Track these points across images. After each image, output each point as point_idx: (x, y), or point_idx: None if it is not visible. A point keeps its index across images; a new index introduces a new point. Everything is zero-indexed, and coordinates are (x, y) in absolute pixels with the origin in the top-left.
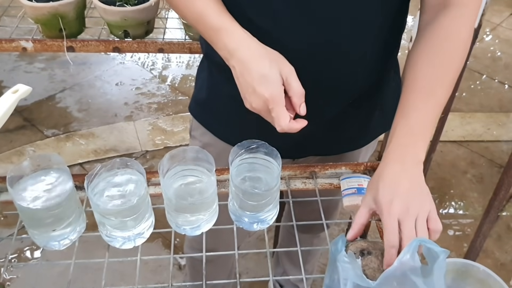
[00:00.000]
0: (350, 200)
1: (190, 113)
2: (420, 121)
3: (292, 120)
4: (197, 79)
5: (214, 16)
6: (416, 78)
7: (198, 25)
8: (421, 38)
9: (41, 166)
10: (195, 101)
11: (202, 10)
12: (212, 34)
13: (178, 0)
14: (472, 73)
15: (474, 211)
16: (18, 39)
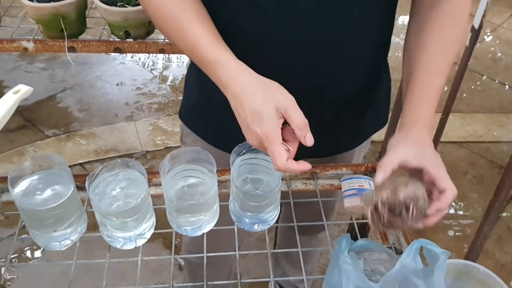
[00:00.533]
0: (351, 201)
1: (181, 119)
2: (436, 99)
3: (291, 160)
4: (186, 84)
5: (208, 49)
6: (429, 59)
7: (192, 56)
8: (427, 21)
9: (43, 166)
10: (186, 107)
11: (195, 41)
12: (206, 66)
13: (171, 30)
14: (473, 73)
15: (474, 212)
16: (19, 39)
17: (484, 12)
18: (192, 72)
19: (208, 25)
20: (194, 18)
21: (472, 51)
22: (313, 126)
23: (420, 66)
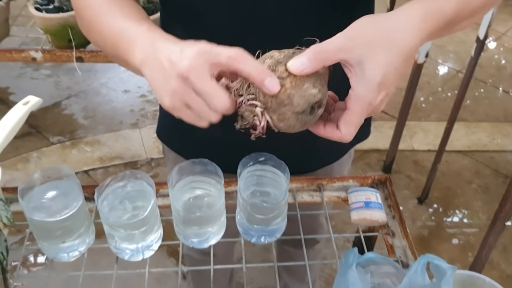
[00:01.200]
0: (358, 214)
1: (159, 138)
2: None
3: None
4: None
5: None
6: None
7: (113, 48)
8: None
9: (52, 178)
10: (163, 126)
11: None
12: (122, 48)
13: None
14: (477, 82)
15: (479, 221)
16: (28, 49)
17: (489, 23)
18: None
19: (128, 10)
20: (117, 13)
21: (477, 61)
22: (288, 141)
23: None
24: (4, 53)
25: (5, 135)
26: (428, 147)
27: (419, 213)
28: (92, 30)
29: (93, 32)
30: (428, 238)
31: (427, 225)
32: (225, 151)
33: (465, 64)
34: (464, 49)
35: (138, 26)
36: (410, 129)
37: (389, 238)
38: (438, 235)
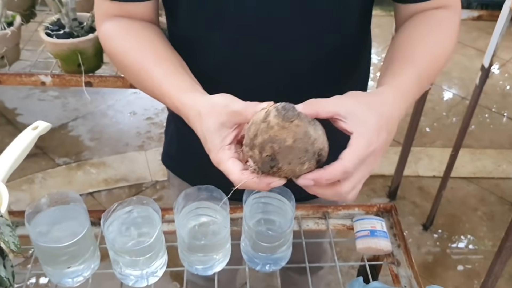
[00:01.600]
0: (363, 242)
1: (164, 165)
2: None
3: (246, 173)
4: (166, 131)
5: (174, 96)
6: (417, 45)
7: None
8: (410, 23)
9: (59, 202)
10: (167, 154)
11: (160, 88)
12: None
13: (137, 79)
14: (482, 108)
15: (484, 248)
16: (38, 73)
17: (494, 52)
18: (170, 120)
19: (166, 64)
20: (152, 60)
21: (482, 89)
22: None
23: (406, 41)
24: (14, 77)
25: (14, 159)
26: (433, 173)
27: (424, 240)
28: (134, 80)
29: (135, 81)
30: (433, 265)
31: (432, 251)
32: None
33: (470, 90)
34: (469, 75)
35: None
36: (415, 155)
37: (394, 267)
38: (443, 262)
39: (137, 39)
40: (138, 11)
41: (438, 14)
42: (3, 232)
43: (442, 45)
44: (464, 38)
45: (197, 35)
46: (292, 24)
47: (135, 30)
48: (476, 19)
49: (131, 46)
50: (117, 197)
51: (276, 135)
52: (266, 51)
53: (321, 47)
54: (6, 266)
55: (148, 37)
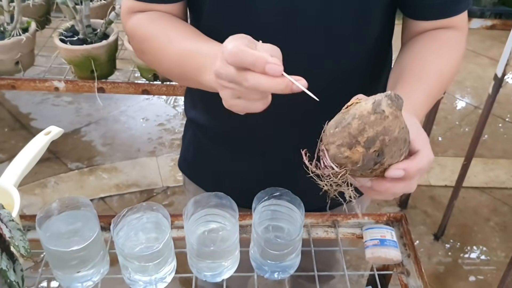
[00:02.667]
0: (373, 251)
1: (180, 170)
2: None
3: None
4: (183, 137)
5: (194, 45)
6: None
7: (181, 67)
8: (419, 41)
9: (69, 207)
10: (184, 159)
11: (183, 49)
12: (195, 66)
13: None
14: (495, 118)
15: (496, 258)
16: (51, 79)
17: (507, 61)
18: (188, 126)
19: (201, 35)
20: (186, 33)
21: (495, 99)
22: (306, 178)
23: (415, 58)
24: (28, 82)
25: (27, 163)
26: (444, 182)
27: (435, 250)
28: (161, 58)
29: (162, 59)
30: (444, 275)
31: (443, 261)
32: (244, 184)
33: (483, 99)
34: (482, 84)
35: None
36: None
37: (404, 277)
38: (455, 272)
39: (169, 22)
40: (163, 10)
41: (446, 35)
42: (14, 236)
43: (449, 65)
44: (477, 47)
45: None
46: (313, 38)
47: (165, 18)
48: (490, 28)
49: (163, 28)
50: (128, 203)
51: (390, 126)
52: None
53: (341, 61)
54: (16, 270)
55: (179, 21)
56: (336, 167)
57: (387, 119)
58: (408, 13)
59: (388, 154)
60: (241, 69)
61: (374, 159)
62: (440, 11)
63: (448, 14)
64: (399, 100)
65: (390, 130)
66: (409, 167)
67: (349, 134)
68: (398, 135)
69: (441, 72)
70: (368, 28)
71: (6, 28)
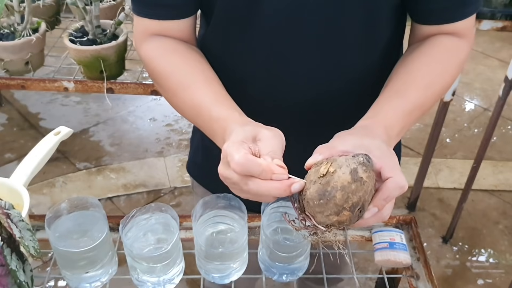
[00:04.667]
0: (382, 254)
1: (189, 173)
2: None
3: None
4: (192, 140)
5: (211, 106)
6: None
7: (197, 119)
8: (417, 49)
9: (78, 207)
10: (193, 162)
11: (199, 102)
12: (209, 127)
13: (174, 94)
14: (505, 120)
15: (505, 262)
16: (61, 79)
17: None
18: (196, 129)
19: (215, 85)
20: (201, 80)
21: (505, 101)
22: None
23: (401, 72)
24: (38, 82)
25: (36, 163)
26: (453, 185)
27: (443, 252)
28: (175, 99)
29: (177, 100)
30: (453, 278)
31: (452, 265)
32: None
33: (492, 101)
34: (491, 86)
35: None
36: (436, 166)
37: (413, 281)
38: (463, 276)
39: (184, 60)
40: (177, 29)
41: (445, 42)
42: (24, 237)
43: (441, 76)
44: (487, 49)
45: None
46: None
47: (180, 50)
48: (500, 30)
49: (178, 66)
50: (135, 203)
51: (368, 186)
52: (293, 71)
53: (350, 66)
54: (26, 271)
55: (194, 58)
56: (323, 227)
57: (365, 184)
58: (414, 17)
59: (367, 204)
60: (245, 175)
61: (358, 215)
62: (443, 16)
63: (451, 20)
64: (370, 162)
65: (369, 189)
66: (378, 203)
67: (336, 204)
68: (372, 187)
69: (428, 85)
70: (377, 33)
71: (17, 28)
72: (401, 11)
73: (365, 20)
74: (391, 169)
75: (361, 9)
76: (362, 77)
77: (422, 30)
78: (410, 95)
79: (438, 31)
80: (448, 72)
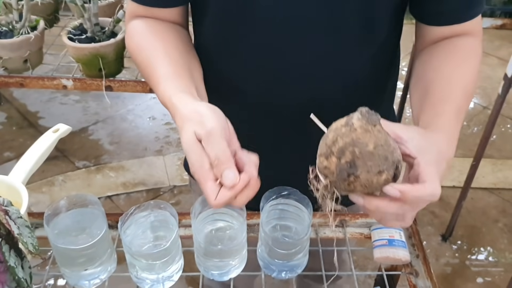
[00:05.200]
0: (381, 252)
1: (186, 171)
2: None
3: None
4: None
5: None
6: (449, 77)
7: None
8: (438, 54)
9: (77, 205)
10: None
11: (158, 80)
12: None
13: (143, 66)
14: (504, 118)
15: (505, 260)
16: (59, 77)
17: None
18: None
19: (175, 61)
20: (162, 54)
21: (505, 99)
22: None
23: (441, 82)
24: (37, 80)
25: (35, 161)
26: (453, 183)
27: (443, 251)
28: (146, 78)
29: (144, 73)
30: (452, 277)
31: (451, 263)
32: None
33: (492, 99)
34: (491, 85)
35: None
36: None
37: (413, 278)
38: (462, 274)
39: (155, 39)
40: (166, 16)
41: (464, 44)
42: (22, 233)
43: (471, 78)
44: (486, 47)
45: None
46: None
47: (157, 30)
48: (499, 28)
49: (146, 45)
50: (135, 201)
51: (358, 138)
52: (290, 70)
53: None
54: (24, 267)
55: (165, 38)
56: (322, 177)
57: (355, 132)
58: (421, 19)
59: (363, 168)
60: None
61: (346, 170)
62: (455, 16)
63: (463, 19)
64: (371, 116)
65: (360, 143)
66: (406, 191)
67: (325, 144)
68: (373, 151)
69: (465, 87)
70: (375, 33)
71: (15, 26)
72: (399, 11)
73: (364, 20)
74: (432, 176)
75: (360, 9)
76: (360, 77)
77: (432, 32)
78: (457, 98)
79: (450, 32)
80: (475, 71)
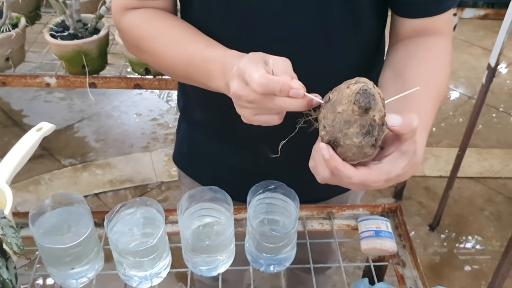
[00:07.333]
0: (368, 243)
1: (175, 164)
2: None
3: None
4: (177, 131)
5: (203, 50)
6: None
7: (189, 70)
8: (414, 51)
9: (62, 203)
10: (179, 153)
11: (192, 52)
12: (203, 70)
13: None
14: (489, 108)
15: (491, 248)
16: (42, 75)
17: (500, 50)
18: (181, 119)
19: (205, 36)
20: (189, 33)
21: (488, 88)
22: (300, 170)
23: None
24: (19, 78)
25: (19, 160)
26: (439, 173)
27: (430, 240)
28: (164, 59)
29: (166, 59)
30: (440, 266)
31: (439, 252)
32: (238, 178)
33: (477, 90)
34: (475, 75)
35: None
36: None
37: (400, 268)
38: (450, 263)
39: (168, 22)
40: (157, 6)
41: (437, 44)
42: (6, 234)
43: (444, 80)
44: (470, 37)
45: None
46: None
47: (164, 15)
48: (482, 18)
49: (164, 28)
50: (122, 198)
51: (340, 99)
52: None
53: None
54: (9, 268)
55: (177, 20)
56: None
57: (342, 91)
58: (396, 11)
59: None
60: (266, 94)
61: (331, 108)
62: (427, 9)
63: (435, 12)
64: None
65: (336, 101)
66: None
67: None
68: (347, 117)
69: (439, 90)
70: (360, 29)
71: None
72: (382, 4)
73: (351, 10)
74: (393, 156)
75: (344, 4)
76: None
77: (405, 25)
78: (433, 100)
79: (421, 26)
80: (448, 73)
